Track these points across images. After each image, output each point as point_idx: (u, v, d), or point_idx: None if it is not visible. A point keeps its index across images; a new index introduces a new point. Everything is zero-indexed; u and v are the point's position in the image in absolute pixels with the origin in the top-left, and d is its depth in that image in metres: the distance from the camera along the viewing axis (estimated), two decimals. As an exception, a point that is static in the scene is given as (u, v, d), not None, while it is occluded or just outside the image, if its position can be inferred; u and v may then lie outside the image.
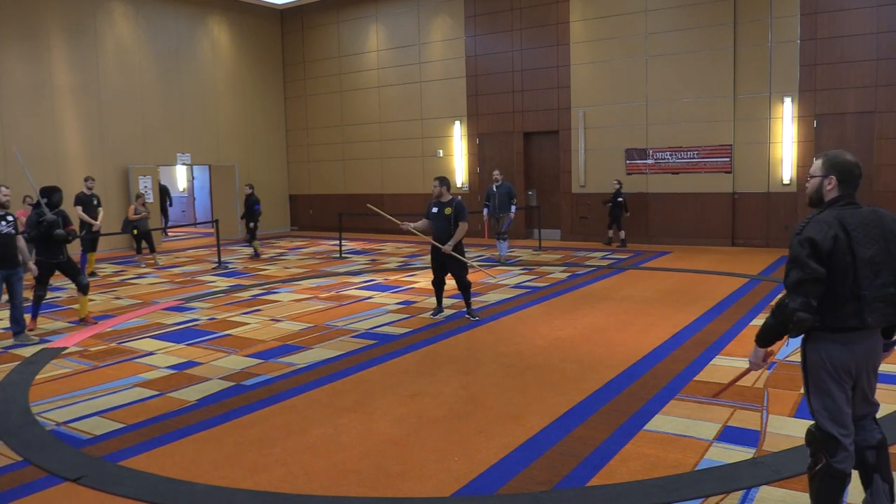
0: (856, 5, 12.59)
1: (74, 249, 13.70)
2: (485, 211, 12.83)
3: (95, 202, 12.14)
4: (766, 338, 2.94)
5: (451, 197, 7.96)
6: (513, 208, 12.50)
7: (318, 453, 4.23)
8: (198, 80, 18.31)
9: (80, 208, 11.97)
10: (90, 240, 12.06)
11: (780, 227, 13.58)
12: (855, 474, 2.99)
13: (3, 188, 7.22)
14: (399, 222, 8.22)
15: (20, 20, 14.65)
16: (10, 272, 7.18)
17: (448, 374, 5.80)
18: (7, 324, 7.85)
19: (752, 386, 5.22)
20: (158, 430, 4.66)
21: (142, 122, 17.00)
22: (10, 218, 7.17)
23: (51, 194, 8.03)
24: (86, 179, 12.26)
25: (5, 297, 7.62)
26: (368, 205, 9.63)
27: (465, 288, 7.83)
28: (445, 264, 7.83)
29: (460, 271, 7.75)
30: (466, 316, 7.92)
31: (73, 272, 8.05)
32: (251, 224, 14.36)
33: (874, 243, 2.77)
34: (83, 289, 8.05)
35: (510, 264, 12.27)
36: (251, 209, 14.30)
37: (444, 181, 7.98)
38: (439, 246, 7.75)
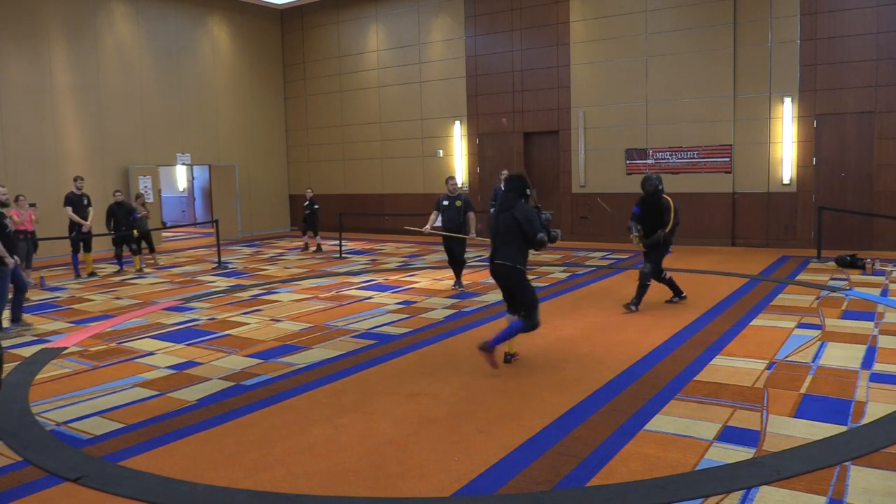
0: (856, 5, 12.58)
1: (65, 251, 13.75)
2: (492, 211, 12.77)
3: (86, 202, 12.01)
4: None
5: (459, 192, 9.77)
6: None
7: (318, 453, 4.23)
8: (198, 80, 18.30)
9: (70, 209, 11.88)
10: (83, 240, 11.97)
11: (780, 227, 13.58)
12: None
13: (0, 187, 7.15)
14: (422, 229, 9.71)
15: (20, 20, 14.64)
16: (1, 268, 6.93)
17: (448, 374, 5.80)
18: (5, 324, 7.85)
19: (752, 386, 5.22)
20: (158, 430, 4.66)
21: (142, 122, 16.99)
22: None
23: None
24: (75, 179, 12.14)
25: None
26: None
27: (461, 264, 9.79)
28: (453, 248, 9.63)
29: (461, 250, 9.73)
30: (455, 287, 9.74)
31: None
32: (132, 241, 12.44)
33: None
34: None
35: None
36: (127, 216, 12.34)
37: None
38: (463, 237, 9.60)
